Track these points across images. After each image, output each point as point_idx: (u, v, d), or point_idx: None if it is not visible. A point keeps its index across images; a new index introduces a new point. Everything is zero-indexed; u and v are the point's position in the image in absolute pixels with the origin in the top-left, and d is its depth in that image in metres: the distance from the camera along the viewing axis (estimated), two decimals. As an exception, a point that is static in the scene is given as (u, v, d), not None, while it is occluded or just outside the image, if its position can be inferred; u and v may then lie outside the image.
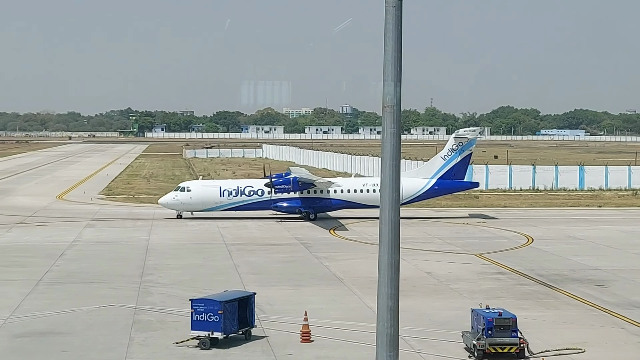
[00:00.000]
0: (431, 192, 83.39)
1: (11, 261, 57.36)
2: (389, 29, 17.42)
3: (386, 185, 17.68)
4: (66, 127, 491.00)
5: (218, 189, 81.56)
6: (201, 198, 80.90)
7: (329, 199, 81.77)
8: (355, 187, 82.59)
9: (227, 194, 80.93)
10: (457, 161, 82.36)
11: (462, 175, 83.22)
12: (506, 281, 51.06)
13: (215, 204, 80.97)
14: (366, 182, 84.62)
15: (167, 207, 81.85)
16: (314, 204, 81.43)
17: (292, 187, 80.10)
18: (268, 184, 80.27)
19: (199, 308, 36.21)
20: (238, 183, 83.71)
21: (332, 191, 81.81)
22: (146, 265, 55.70)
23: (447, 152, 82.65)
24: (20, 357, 34.54)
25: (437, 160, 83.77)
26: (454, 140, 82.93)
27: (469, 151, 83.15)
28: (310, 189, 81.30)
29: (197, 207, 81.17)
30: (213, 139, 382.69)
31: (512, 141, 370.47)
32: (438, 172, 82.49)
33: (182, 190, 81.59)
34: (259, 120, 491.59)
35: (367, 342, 35.42)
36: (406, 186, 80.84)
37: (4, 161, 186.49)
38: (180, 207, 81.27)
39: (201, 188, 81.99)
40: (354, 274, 52.67)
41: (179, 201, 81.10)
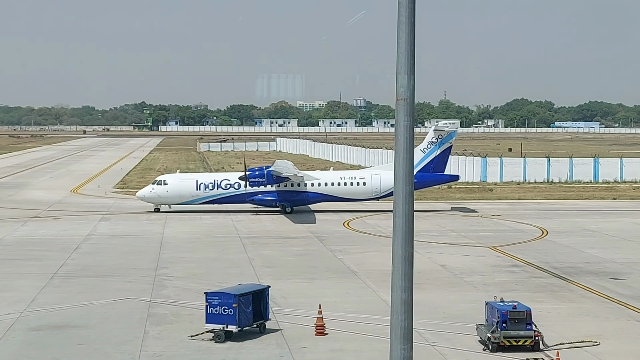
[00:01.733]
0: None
1: (27, 255, 57.62)
2: (403, 21, 17.37)
3: (400, 178, 17.64)
4: (80, 121, 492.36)
5: (195, 182, 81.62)
6: (177, 191, 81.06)
7: (305, 192, 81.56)
8: (333, 181, 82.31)
9: (203, 187, 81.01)
10: (437, 154, 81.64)
11: (441, 168, 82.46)
12: (521, 274, 50.96)
13: (192, 198, 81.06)
14: (344, 175, 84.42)
15: (144, 200, 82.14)
16: (291, 197, 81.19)
17: (265, 180, 79.98)
18: (242, 177, 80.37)
19: (213, 301, 36.29)
20: (215, 176, 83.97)
21: (310, 184, 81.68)
22: (161, 259, 55.85)
23: (427, 145, 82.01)
24: (36, 351, 34.71)
25: (417, 153, 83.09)
26: (433, 133, 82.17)
27: (449, 144, 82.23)
28: (287, 182, 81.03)
29: (174, 201, 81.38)
30: (227, 132, 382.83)
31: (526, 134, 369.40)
32: (417, 165, 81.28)
33: (159, 184, 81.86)
34: (273, 113, 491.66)
35: (381, 335, 35.43)
36: (384, 179, 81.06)
37: (19, 155, 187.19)
38: (157, 201, 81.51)
39: (178, 181, 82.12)
40: (368, 267, 52.67)
41: (155, 194, 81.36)
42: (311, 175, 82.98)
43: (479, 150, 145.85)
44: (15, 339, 36.31)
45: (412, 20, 17.40)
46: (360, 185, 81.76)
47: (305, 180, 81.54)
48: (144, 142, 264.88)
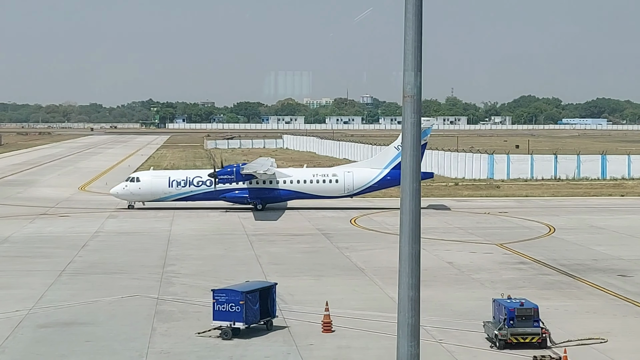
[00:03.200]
0: (383, 183, 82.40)
1: (35, 252, 57.76)
2: (409, 18, 17.37)
3: (407, 175, 17.65)
4: (88, 118, 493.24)
5: (167, 179, 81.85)
6: (150, 188, 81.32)
7: (277, 189, 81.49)
8: (305, 178, 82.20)
9: (175, 184, 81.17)
10: None
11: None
12: (528, 271, 50.91)
13: (165, 194, 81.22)
14: (316, 172, 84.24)
15: (117, 197, 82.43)
16: (262, 194, 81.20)
17: (234, 178, 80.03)
18: (212, 174, 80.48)
19: (220, 298, 36.33)
20: (187, 174, 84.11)
21: (282, 182, 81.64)
22: (168, 256, 55.93)
23: (401, 142, 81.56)
24: (44, 347, 34.80)
25: (391, 150, 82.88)
26: None
27: (424, 141, 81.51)
28: (258, 179, 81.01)
29: (147, 198, 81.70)
30: (234, 129, 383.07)
31: (533, 130, 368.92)
32: (391, 163, 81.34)
33: (132, 181, 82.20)
34: (280, 110, 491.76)
35: (388, 332, 35.44)
36: (356, 176, 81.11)
37: (27, 152, 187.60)
38: (130, 198, 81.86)
39: (150, 178, 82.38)
40: (375, 264, 52.68)
41: (128, 191, 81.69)
42: (283, 173, 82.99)
43: (486, 147, 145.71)
44: (23, 336, 36.41)
45: (419, 17, 17.40)
46: (332, 182, 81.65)
47: (277, 178, 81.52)
48: (151, 140, 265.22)
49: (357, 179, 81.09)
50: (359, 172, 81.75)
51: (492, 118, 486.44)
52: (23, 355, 33.82)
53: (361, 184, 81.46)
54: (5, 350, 34.31)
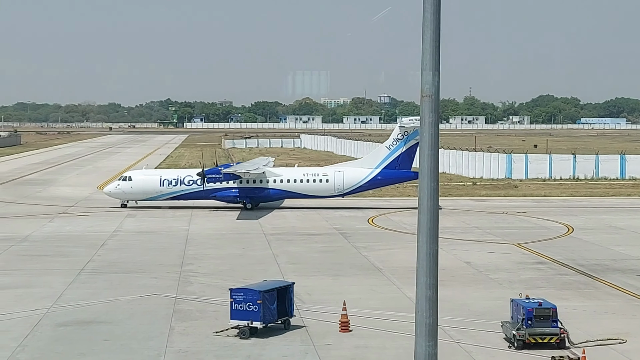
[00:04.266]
0: (374, 182, 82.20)
1: (54, 251, 58.04)
2: (427, 17, 17.37)
3: (424, 175, 17.64)
4: (107, 118, 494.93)
5: (158, 178, 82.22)
6: (141, 187, 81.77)
7: (267, 189, 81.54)
8: (296, 177, 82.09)
9: (166, 183, 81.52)
10: (403, 151, 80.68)
11: (407, 165, 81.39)
12: (546, 271, 50.75)
13: (156, 194, 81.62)
14: (307, 172, 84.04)
15: (110, 196, 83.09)
16: (252, 193, 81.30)
17: (222, 177, 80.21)
18: (200, 173, 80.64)
19: (238, 298, 36.39)
20: (178, 173, 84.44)
21: (272, 181, 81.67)
22: (186, 255, 56.08)
23: (392, 141, 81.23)
24: (63, 346, 34.96)
25: (382, 150, 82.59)
26: (399, 130, 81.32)
27: (415, 140, 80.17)
28: (248, 178, 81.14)
29: (138, 197, 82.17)
30: (252, 129, 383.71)
31: (552, 130, 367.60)
32: (382, 162, 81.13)
33: (125, 180, 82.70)
34: (297, 110, 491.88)
35: (406, 332, 35.42)
36: (347, 176, 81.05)
37: (46, 152, 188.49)
38: (123, 196, 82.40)
39: (142, 177, 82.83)
40: (392, 263, 52.64)
41: (120, 190, 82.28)
42: (274, 172, 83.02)
43: (504, 147, 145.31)
44: (42, 335, 36.61)
45: (437, 16, 17.39)
46: (323, 182, 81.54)
47: (267, 177, 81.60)
48: (169, 139, 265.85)
49: (348, 179, 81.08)
50: (350, 172, 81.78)
51: (510, 117, 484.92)
52: (42, 354, 34.00)
53: (352, 184, 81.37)
54: (24, 349, 34.52)
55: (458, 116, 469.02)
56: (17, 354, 33.84)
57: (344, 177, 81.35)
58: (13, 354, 33.73)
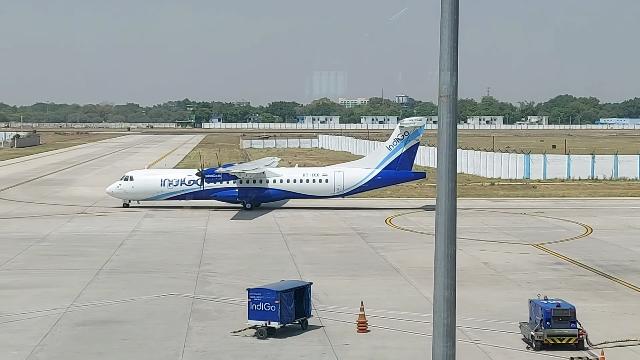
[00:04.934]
0: (374, 183, 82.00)
1: (72, 251, 58.28)
2: (445, 17, 17.33)
3: (442, 176, 17.60)
4: (125, 118, 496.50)
5: (159, 178, 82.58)
6: (143, 187, 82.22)
7: (266, 189, 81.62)
8: (295, 177, 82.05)
9: (167, 183, 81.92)
10: (403, 151, 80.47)
11: (408, 165, 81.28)
12: (565, 272, 50.56)
13: (157, 193, 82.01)
14: (306, 172, 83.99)
15: (112, 195, 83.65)
16: (251, 193, 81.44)
17: (221, 177, 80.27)
18: (198, 173, 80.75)
19: (256, 298, 36.43)
20: (179, 173, 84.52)
21: (272, 181, 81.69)
22: (204, 255, 56.20)
23: (393, 142, 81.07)
24: (82, 345, 35.10)
25: (383, 150, 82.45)
26: (399, 130, 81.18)
27: (416, 141, 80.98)
28: (248, 178, 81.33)
29: (139, 196, 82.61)
30: (269, 129, 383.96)
31: (570, 130, 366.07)
32: (383, 163, 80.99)
33: (126, 180, 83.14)
34: (315, 110, 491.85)
35: (423, 333, 35.37)
36: (347, 176, 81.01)
37: (65, 152, 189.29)
38: (124, 196, 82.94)
39: (143, 177, 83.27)
40: (410, 264, 52.57)
41: (122, 190, 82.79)
42: (274, 172, 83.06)
43: (522, 147, 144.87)
44: (61, 334, 36.77)
45: (455, 16, 17.36)
46: (322, 182, 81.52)
47: (267, 177, 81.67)
48: (187, 139, 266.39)
49: (348, 179, 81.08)
50: (350, 172, 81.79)
51: (529, 118, 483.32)
52: (61, 353, 34.15)
53: (351, 184, 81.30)
54: (43, 348, 34.68)
55: (476, 116, 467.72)
56: (35, 353, 34.01)
57: (343, 177, 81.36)
58: (32, 353, 33.90)
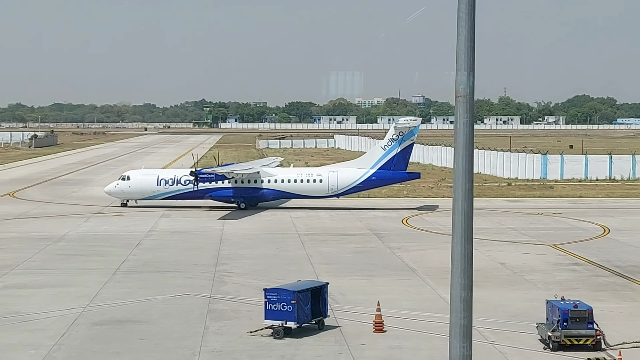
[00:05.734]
0: (369, 183, 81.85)
1: (90, 250, 58.50)
2: (462, 17, 17.30)
3: (459, 176, 17.56)
4: (142, 118, 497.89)
5: (155, 178, 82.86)
6: (139, 187, 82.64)
7: (260, 188, 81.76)
8: (290, 177, 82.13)
9: (163, 183, 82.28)
10: (397, 152, 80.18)
11: (402, 166, 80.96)
12: (582, 272, 50.38)
13: (153, 193, 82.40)
14: (301, 172, 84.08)
15: (110, 195, 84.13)
16: (245, 193, 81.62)
17: (214, 177, 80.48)
18: (192, 172, 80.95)
19: (272, 298, 36.47)
20: (175, 172, 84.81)
21: (266, 181, 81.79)
22: (220, 255, 56.29)
23: (387, 142, 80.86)
24: (99, 345, 35.24)
25: (377, 150, 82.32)
26: (394, 130, 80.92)
27: (410, 141, 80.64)
28: (243, 178, 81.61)
29: (136, 196, 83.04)
30: (286, 129, 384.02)
31: (587, 130, 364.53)
32: (377, 163, 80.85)
33: (124, 179, 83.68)
34: (331, 110, 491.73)
35: (440, 333, 35.33)
36: (341, 176, 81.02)
37: (82, 152, 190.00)
38: (122, 196, 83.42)
39: (140, 177, 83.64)
40: (426, 264, 52.51)
41: (119, 190, 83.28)
42: (268, 172, 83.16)
43: (539, 147, 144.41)
44: (78, 333, 36.92)
45: (472, 16, 17.32)
46: (317, 182, 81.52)
47: (261, 177, 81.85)
48: (203, 139, 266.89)
49: (342, 179, 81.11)
50: (344, 172, 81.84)
51: (546, 118, 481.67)
52: (78, 352, 34.29)
53: (345, 184, 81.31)
54: (61, 347, 34.83)
55: (493, 116, 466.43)
56: (53, 352, 34.17)
57: (337, 177, 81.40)
58: (49, 353, 34.06)
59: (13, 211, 79.84)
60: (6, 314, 40.16)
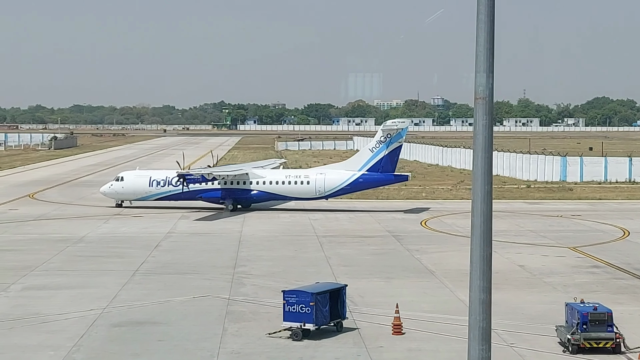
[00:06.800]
0: (356, 185, 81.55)
1: (109, 252, 58.69)
2: (481, 19, 17.27)
3: (478, 178, 17.53)
4: (161, 120, 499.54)
5: (148, 179, 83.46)
6: (132, 188, 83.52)
7: (248, 190, 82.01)
8: (277, 179, 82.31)
9: (155, 184, 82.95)
10: (385, 154, 79.81)
11: (390, 168, 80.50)
12: (601, 275, 50.15)
13: (145, 194, 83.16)
14: (289, 174, 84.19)
15: (105, 195, 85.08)
16: (233, 195, 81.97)
17: (200, 178, 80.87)
18: (180, 174, 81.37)
19: (291, 299, 36.48)
20: (167, 174, 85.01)
21: (255, 182, 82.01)
22: (239, 257, 56.36)
23: (375, 144, 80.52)
24: (118, 346, 35.35)
25: (366, 152, 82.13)
26: (381, 132, 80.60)
27: (398, 143, 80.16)
28: (232, 179, 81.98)
29: (129, 197, 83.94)
30: (304, 131, 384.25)
31: (607, 132, 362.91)
32: (365, 165, 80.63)
33: (117, 180, 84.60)
34: (350, 112, 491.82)
35: (459, 335, 35.23)
36: (328, 179, 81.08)
37: (102, 154, 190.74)
38: (116, 196, 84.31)
39: (133, 178, 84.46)
40: (445, 266, 52.40)
41: (113, 190, 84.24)
42: (256, 174, 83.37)
43: (558, 150, 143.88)
44: (97, 335, 37.05)
45: (492, 18, 17.29)
46: (304, 184, 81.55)
47: (250, 179, 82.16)
48: (222, 141, 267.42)
49: (329, 181, 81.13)
50: (332, 174, 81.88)
51: (565, 120, 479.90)
52: (97, 354, 34.40)
53: (332, 186, 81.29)
54: (80, 349, 34.96)
55: (512, 118, 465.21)
56: (72, 353, 34.30)
57: (324, 179, 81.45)
58: (69, 354, 34.20)
59: (33, 213, 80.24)
60: (26, 315, 40.36)
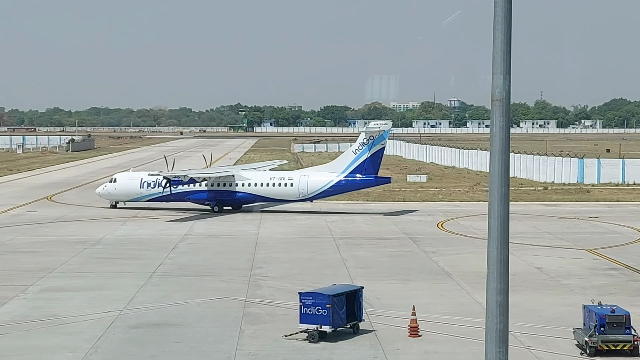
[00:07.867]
0: (338, 187, 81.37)
1: (126, 254, 58.90)
2: (498, 21, 17.24)
3: (495, 180, 17.48)
4: (178, 122, 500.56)
5: (139, 180, 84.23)
6: (124, 189, 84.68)
7: (233, 192, 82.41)
8: (262, 181, 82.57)
9: (146, 185, 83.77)
10: (368, 156, 79.53)
11: (373, 170, 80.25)
12: (619, 277, 49.94)
13: (137, 195, 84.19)
14: (274, 175, 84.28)
15: (100, 196, 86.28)
16: (219, 196, 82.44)
17: (185, 180, 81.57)
18: (166, 176, 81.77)
19: (307, 301, 36.50)
20: (159, 176, 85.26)
21: (240, 184, 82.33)
22: (256, 259, 56.43)
23: (358, 146, 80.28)
24: (135, 348, 35.47)
25: (349, 155, 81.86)
26: (364, 135, 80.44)
27: (381, 145, 79.94)
28: (218, 181, 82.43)
29: (122, 198, 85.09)
30: (321, 133, 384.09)
31: (625, 134, 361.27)
32: (348, 167, 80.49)
33: (111, 182, 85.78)
34: (367, 114, 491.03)
35: (476, 338, 35.17)
36: (311, 181, 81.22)
37: (119, 156, 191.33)
38: (109, 197, 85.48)
39: (125, 179, 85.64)
40: (462, 268, 52.31)
41: (107, 191, 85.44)
42: (242, 176, 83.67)
43: (576, 151, 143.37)
44: (115, 336, 37.18)
45: (508, 19, 17.25)
46: (288, 186, 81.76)
47: (235, 181, 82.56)
48: (239, 143, 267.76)
49: (312, 184, 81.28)
50: (315, 177, 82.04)
51: (582, 121, 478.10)
52: (115, 355, 34.53)
53: (315, 188, 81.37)
54: (97, 350, 35.10)
55: (529, 120, 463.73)
56: (90, 355, 34.43)
57: (308, 181, 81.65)
58: (86, 356, 34.33)
59: (50, 215, 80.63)
60: (43, 316, 40.56)
